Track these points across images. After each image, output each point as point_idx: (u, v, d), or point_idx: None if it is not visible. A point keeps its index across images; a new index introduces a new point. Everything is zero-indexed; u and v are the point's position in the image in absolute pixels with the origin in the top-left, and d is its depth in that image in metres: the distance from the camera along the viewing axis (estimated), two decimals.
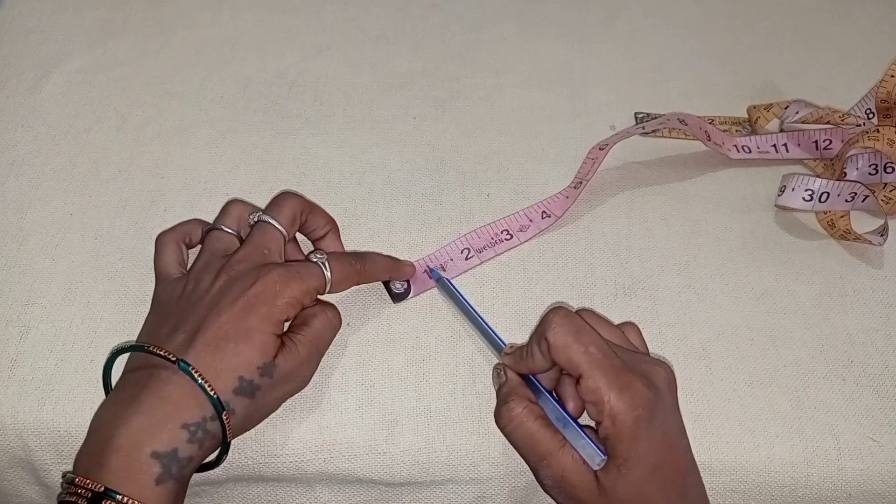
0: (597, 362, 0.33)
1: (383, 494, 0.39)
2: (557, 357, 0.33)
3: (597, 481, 0.33)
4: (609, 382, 0.33)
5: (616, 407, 0.32)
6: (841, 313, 0.42)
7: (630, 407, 0.32)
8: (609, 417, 0.32)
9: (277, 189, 0.45)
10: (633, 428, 0.32)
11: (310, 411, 0.38)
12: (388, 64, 0.54)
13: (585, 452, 0.33)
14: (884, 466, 0.37)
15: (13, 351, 0.39)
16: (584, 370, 0.33)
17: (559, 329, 0.33)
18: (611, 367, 0.33)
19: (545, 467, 0.34)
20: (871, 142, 0.45)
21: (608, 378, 0.33)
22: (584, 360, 0.33)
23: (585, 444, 0.34)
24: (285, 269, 0.36)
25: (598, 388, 0.32)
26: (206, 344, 0.33)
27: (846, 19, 0.59)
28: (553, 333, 0.33)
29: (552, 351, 0.33)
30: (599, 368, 0.33)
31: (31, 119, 0.49)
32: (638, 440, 0.32)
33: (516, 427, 0.34)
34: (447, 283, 0.42)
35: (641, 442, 0.32)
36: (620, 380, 0.33)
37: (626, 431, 0.32)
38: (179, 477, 0.32)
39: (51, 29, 0.55)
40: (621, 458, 0.32)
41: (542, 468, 0.34)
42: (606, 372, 0.33)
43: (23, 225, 0.44)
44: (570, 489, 0.33)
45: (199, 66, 0.53)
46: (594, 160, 0.45)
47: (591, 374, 0.33)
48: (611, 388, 0.32)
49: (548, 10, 0.58)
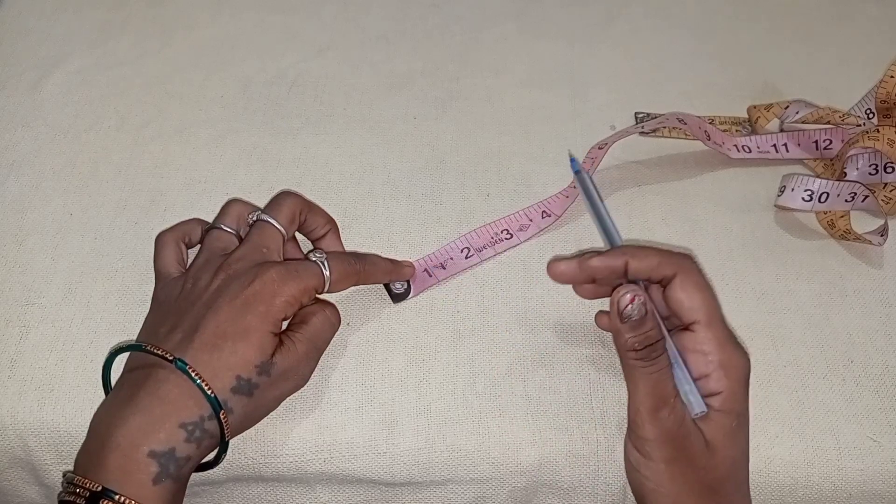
0: (720, 315, 0.33)
1: (383, 494, 0.39)
2: (680, 291, 0.33)
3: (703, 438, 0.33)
4: (728, 335, 0.33)
5: (733, 360, 0.32)
6: (841, 313, 0.42)
7: (745, 363, 0.33)
8: (723, 369, 0.32)
9: (277, 189, 0.45)
10: (745, 384, 0.33)
11: (310, 411, 0.38)
12: (388, 64, 0.54)
13: (691, 398, 0.32)
14: (884, 466, 0.37)
15: (13, 351, 0.39)
16: (707, 317, 0.33)
17: (696, 269, 0.33)
18: (724, 322, 0.33)
19: (669, 411, 0.32)
20: (871, 142, 0.45)
21: (727, 332, 0.33)
22: (710, 307, 0.33)
23: (692, 389, 0.33)
24: (283, 268, 0.36)
25: (717, 337, 0.33)
26: (204, 343, 0.33)
27: (846, 19, 0.59)
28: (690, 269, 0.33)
29: (677, 283, 0.33)
30: (722, 321, 0.33)
31: (31, 119, 0.49)
32: (746, 399, 0.33)
33: (661, 367, 0.33)
34: (586, 177, 0.39)
35: (746, 401, 0.33)
36: (732, 337, 0.33)
37: (741, 386, 0.32)
38: (177, 476, 0.32)
39: (51, 29, 0.55)
40: (734, 413, 0.32)
41: (662, 411, 0.32)
42: (724, 325, 0.33)
43: (23, 225, 0.44)
44: (682, 440, 0.32)
45: (199, 66, 0.53)
46: (594, 160, 0.45)
47: (713, 322, 0.33)
48: (729, 341, 0.33)
49: (548, 10, 0.58)
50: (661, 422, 0.32)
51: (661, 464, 0.32)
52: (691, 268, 0.34)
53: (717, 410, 0.33)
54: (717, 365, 0.32)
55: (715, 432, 0.32)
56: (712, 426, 0.33)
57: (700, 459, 0.32)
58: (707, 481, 0.33)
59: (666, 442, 0.32)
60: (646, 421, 0.33)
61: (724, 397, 0.32)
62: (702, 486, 0.33)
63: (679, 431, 0.32)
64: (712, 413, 0.33)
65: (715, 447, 0.32)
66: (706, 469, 0.33)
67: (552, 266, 0.36)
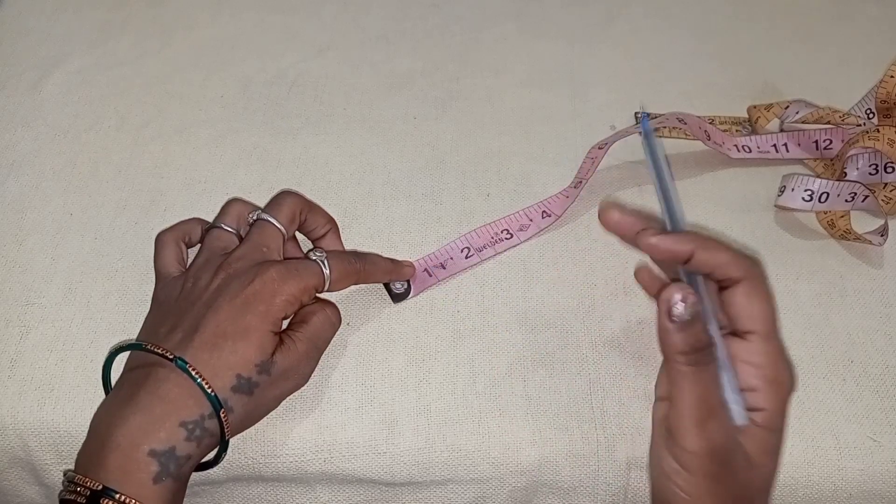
0: (775, 329, 0.32)
1: (383, 494, 0.39)
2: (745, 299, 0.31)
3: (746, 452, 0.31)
4: (783, 352, 0.32)
5: (783, 378, 0.32)
6: (841, 313, 0.42)
7: (792, 382, 0.32)
8: (771, 385, 0.31)
9: (277, 189, 0.45)
10: (788, 402, 0.32)
11: (310, 411, 0.38)
12: (388, 64, 0.54)
13: (735, 407, 0.31)
14: (884, 466, 0.37)
15: (13, 351, 0.39)
16: (766, 329, 0.31)
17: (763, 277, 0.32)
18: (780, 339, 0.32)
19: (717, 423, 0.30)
20: (871, 142, 0.45)
21: (782, 349, 0.32)
22: (771, 320, 0.32)
23: (738, 399, 0.31)
24: (283, 267, 0.36)
25: (772, 353, 0.32)
26: (204, 342, 0.33)
27: (846, 19, 0.59)
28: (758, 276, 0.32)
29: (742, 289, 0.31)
30: (777, 337, 0.32)
31: (31, 119, 0.49)
32: (785, 415, 0.32)
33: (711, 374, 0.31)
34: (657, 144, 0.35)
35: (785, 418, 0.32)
36: (785, 355, 0.32)
37: (786, 405, 0.32)
38: (177, 475, 0.32)
39: (51, 29, 0.55)
40: (777, 430, 0.32)
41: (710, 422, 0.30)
42: (780, 342, 0.32)
43: (23, 225, 0.44)
44: (727, 455, 0.30)
45: (199, 66, 0.53)
46: (594, 160, 0.45)
47: (771, 336, 0.32)
48: (782, 359, 0.32)
49: (548, 10, 0.58)
50: (709, 434, 0.30)
51: (702, 478, 0.31)
52: (759, 274, 0.32)
53: (760, 426, 0.31)
54: (768, 381, 0.31)
55: (756, 448, 0.31)
56: (754, 441, 0.31)
57: (740, 474, 0.31)
58: (742, 495, 0.32)
59: (711, 456, 0.30)
60: (692, 432, 0.30)
61: (769, 414, 0.31)
62: (736, 499, 0.31)
63: (726, 446, 0.31)
64: (755, 429, 0.31)
65: (754, 462, 0.31)
66: (744, 484, 0.31)
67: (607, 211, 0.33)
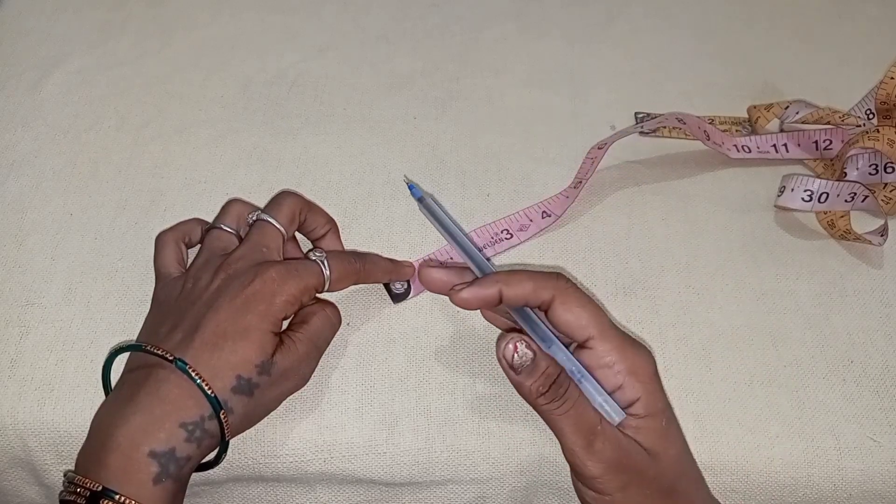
0: (610, 323, 0.32)
1: (383, 494, 0.39)
2: (565, 313, 0.32)
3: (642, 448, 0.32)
4: (625, 339, 0.32)
5: (637, 361, 0.32)
6: (841, 313, 0.42)
7: (650, 360, 0.33)
8: (631, 374, 0.32)
9: (277, 189, 0.45)
10: (658, 380, 0.32)
11: (310, 411, 0.38)
12: (388, 64, 0.54)
13: (607, 408, 0.31)
14: (884, 466, 0.37)
15: (13, 351, 0.39)
16: (599, 329, 0.32)
17: (571, 288, 0.32)
18: (616, 328, 0.33)
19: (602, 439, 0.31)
20: (871, 142, 0.45)
21: (622, 337, 0.32)
22: (598, 319, 0.32)
23: (606, 398, 0.31)
24: (283, 267, 0.36)
25: (615, 347, 0.32)
26: (204, 342, 0.33)
27: (846, 19, 0.59)
28: (566, 288, 0.32)
29: (559, 306, 0.32)
30: (614, 328, 0.32)
31: (31, 119, 0.49)
32: (663, 393, 0.33)
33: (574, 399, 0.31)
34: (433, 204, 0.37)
35: (665, 395, 0.33)
36: (628, 339, 0.33)
37: (655, 384, 0.32)
38: (177, 476, 0.32)
39: (51, 29, 0.55)
40: (659, 412, 0.32)
41: (596, 443, 0.31)
42: (617, 332, 0.32)
43: (23, 225, 0.44)
44: (627, 462, 0.31)
45: (199, 66, 0.53)
46: (593, 160, 0.45)
47: (607, 333, 0.32)
48: (628, 345, 0.32)
49: (548, 10, 0.58)
50: (601, 454, 0.31)
51: (617, 493, 0.31)
52: (567, 287, 0.33)
53: (643, 416, 0.32)
54: (626, 372, 0.32)
55: (650, 438, 0.32)
56: (646, 433, 0.32)
57: (649, 471, 0.32)
58: (662, 487, 0.32)
59: (614, 471, 0.31)
60: (586, 460, 0.31)
61: (644, 401, 0.32)
62: (660, 493, 0.32)
63: (621, 455, 0.31)
64: (640, 421, 0.32)
65: (656, 452, 0.32)
66: (657, 477, 0.32)
67: (423, 271, 0.36)
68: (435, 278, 0.35)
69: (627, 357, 0.32)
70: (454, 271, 0.36)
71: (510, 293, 0.33)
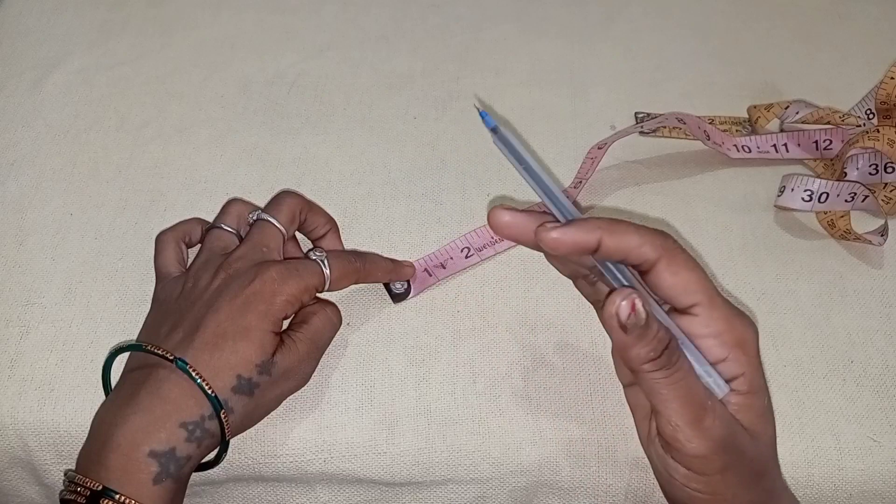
0: (716, 291, 0.29)
1: (383, 494, 0.39)
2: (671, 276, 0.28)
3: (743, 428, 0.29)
4: (732, 309, 0.29)
5: (746, 335, 0.29)
6: (841, 313, 0.42)
7: (756, 335, 0.30)
8: (738, 347, 0.29)
9: (277, 189, 0.45)
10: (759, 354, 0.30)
11: (310, 411, 0.38)
12: (388, 64, 0.54)
13: (711, 382, 0.29)
14: (884, 466, 0.37)
15: (13, 351, 0.39)
16: (707, 296, 0.29)
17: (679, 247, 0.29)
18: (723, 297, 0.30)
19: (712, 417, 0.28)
20: (871, 142, 0.45)
21: (730, 306, 0.29)
22: (707, 285, 0.29)
23: (710, 370, 0.29)
24: (283, 267, 0.36)
25: (724, 316, 0.29)
26: (205, 342, 0.33)
27: (846, 19, 0.59)
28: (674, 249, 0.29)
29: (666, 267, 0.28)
30: (720, 296, 0.29)
31: (31, 119, 0.49)
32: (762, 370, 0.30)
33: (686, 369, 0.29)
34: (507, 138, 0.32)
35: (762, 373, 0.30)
36: (736, 309, 0.30)
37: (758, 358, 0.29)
38: (178, 476, 0.32)
39: (51, 29, 0.55)
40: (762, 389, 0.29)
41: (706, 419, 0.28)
42: (725, 300, 0.29)
43: (23, 225, 0.44)
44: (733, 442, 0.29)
45: (199, 66, 0.53)
46: (593, 160, 0.45)
47: (715, 300, 0.29)
48: (736, 316, 0.29)
49: (548, 10, 0.58)
50: (709, 431, 0.28)
51: (717, 474, 0.29)
52: (675, 247, 0.29)
53: (745, 394, 0.29)
54: (733, 345, 0.29)
55: (751, 417, 0.29)
56: (747, 412, 0.29)
57: (748, 452, 0.29)
58: (755, 470, 0.30)
59: (720, 451, 0.28)
60: (692, 437, 0.28)
61: (748, 377, 0.29)
62: (752, 475, 0.30)
63: (728, 435, 0.29)
64: (743, 398, 0.29)
65: (756, 433, 0.30)
66: (754, 459, 0.30)
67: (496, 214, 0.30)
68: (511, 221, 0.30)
69: (735, 328, 0.29)
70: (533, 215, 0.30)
71: (612, 243, 0.28)
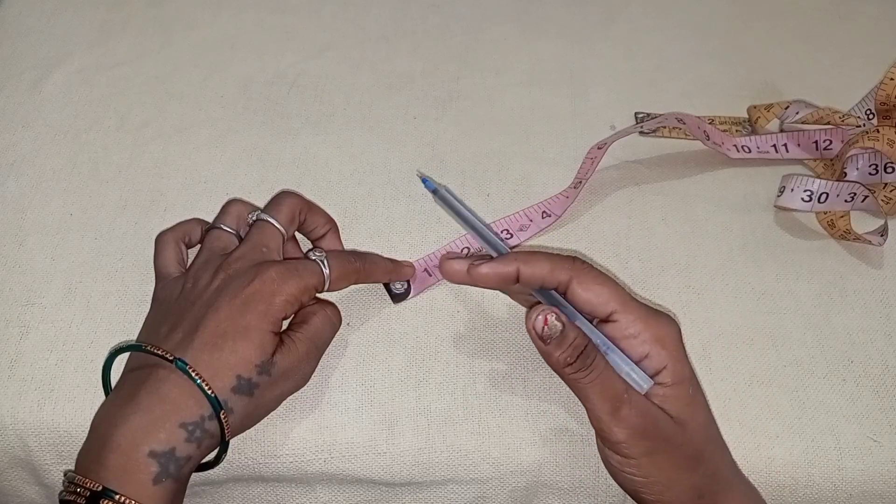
0: (628, 296, 0.33)
1: (383, 494, 0.39)
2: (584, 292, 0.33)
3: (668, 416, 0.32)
4: (647, 310, 0.33)
5: (662, 330, 0.33)
6: (841, 313, 0.42)
7: (674, 328, 0.33)
8: (658, 343, 0.32)
9: (277, 189, 0.45)
10: (682, 348, 0.33)
11: (310, 411, 0.38)
12: (388, 64, 0.54)
13: (634, 376, 0.32)
14: (884, 466, 0.37)
15: (13, 351, 0.39)
16: (620, 302, 0.33)
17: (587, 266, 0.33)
18: (637, 300, 0.33)
19: (628, 406, 0.32)
20: (871, 142, 0.45)
21: (645, 307, 0.33)
22: (618, 293, 0.33)
23: (632, 367, 0.32)
24: (283, 267, 0.36)
25: (639, 317, 0.33)
26: (204, 342, 0.33)
27: (846, 19, 0.59)
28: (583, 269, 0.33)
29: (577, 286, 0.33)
30: (633, 301, 0.33)
31: (31, 119, 0.49)
32: (688, 360, 0.33)
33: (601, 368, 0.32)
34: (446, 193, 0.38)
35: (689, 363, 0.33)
36: (651, 309, 0.33)
37: (680, 351, 0.33)
38: (177, 476, 0.32)
39: (51, 29, 0.55)
40: (685, 379, 0.33)
41: (622, 410, 0.32)
42: (639, 303, 0.33)
43: (23, 225, 0.44)
44: (653, 429, 0.32)
45: (199, 66, 0.53)
46: (593, 159, 0.45)
47: (629, 304, 0.33)
48: (651, 315, 0.33)
49: (548, 10, 0.58)
50: (626, 420, 0.32)
51: (643, 458, 0.32)
52: (583, 267, 0.33)
53: (670, 385, 0.33)
54: (651, 341, 0.32)
55: (677, 406, 0.32)
56: (673, 401, 0.33)
57: (676, 438, 0.32)
58: (689, 454, 0.33)
59: (639, 437, 0.32)
60: (611, 426, 0.32)
61: (670, 369, 0.32)
62: (686, 460, 0.33)
63: (647, 422, 0.32)
64: (667, 389, 0.33)
65: (683, 420, 0.33)
66: (684, 444, 0.32)
67: (444, 265, 0.35)
68: (455, 269, 0.35)
69: (651, 326, 0.33)
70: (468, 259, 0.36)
71: (528, 272, 0.33)
